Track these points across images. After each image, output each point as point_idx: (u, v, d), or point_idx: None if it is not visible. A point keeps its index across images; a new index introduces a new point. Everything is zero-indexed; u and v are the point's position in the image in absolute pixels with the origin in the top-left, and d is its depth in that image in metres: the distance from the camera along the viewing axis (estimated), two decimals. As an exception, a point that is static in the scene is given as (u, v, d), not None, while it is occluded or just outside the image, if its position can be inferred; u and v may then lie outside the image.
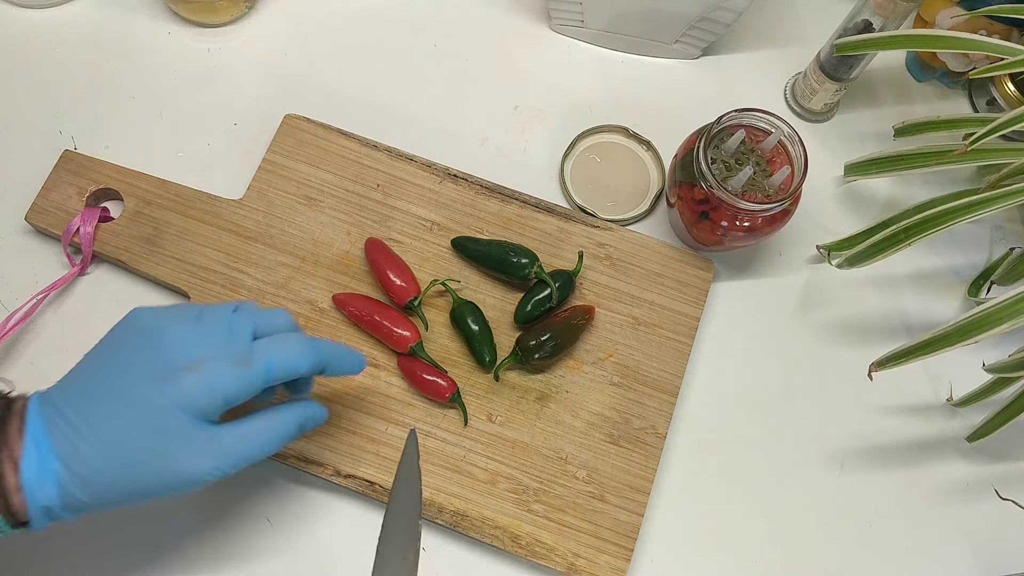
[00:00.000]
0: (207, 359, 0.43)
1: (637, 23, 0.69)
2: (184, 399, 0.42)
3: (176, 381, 0.42)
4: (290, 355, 0.45)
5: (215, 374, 0.42)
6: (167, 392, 0.42)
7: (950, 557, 0.61)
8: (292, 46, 0.70)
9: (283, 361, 0.45)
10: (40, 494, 0.41)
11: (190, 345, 0.43)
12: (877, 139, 0.71)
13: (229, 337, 0.44)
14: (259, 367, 0.43)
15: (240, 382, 0.43)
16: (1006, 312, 0.50)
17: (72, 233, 0.59)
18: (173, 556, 0.56)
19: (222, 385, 0.43)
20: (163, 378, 0.42)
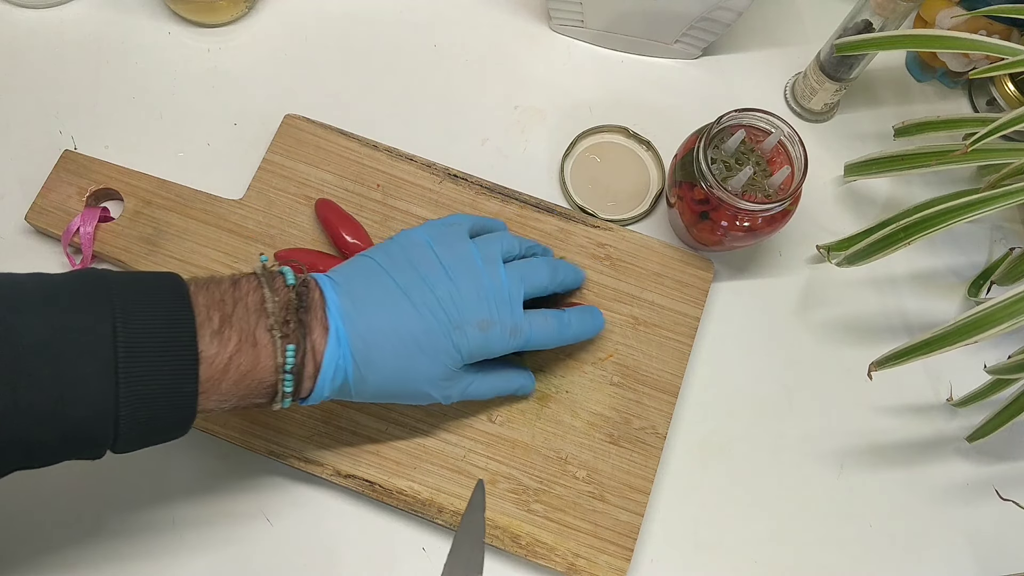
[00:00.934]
0: (493, 322, 0.50)
1: (637, 23, 0.69)
2: (466, 349, 0.49)
3: (467, 333, 0.49)
4: (546, 332, 0.53)
5: (496, 338, 0.50)
6: (455, 339, 0.49)
7: (950, 557, 0.61)
8: (292, 46, 0.70)
9: (539, 337, 0.52)
10: (329, 387, 0.46)
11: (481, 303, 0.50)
12: (877, 139, 0.71)
13: (509, 305, 0.51)
14: (523, 339, 0.51)
15: (507, 348, 0.51)
16: (1006, 312, 0.50)
17: (72, 233, 0.59)
18: (173, 556, 0.56)
19: (495, 348, 0.50)
20: (456, 328, 0.49)
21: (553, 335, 0.53)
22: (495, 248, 0.52)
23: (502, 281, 0.51)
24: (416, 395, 0.50)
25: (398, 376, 0.48)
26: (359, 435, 0.57)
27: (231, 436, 0.56)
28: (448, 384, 0.51)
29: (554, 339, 0.53)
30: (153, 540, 0.56)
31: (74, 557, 0.55)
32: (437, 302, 0.48)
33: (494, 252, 0.52)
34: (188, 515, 0.57)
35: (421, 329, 0.48)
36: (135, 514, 0.56)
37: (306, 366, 0.45)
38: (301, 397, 0.46)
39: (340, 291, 0.47)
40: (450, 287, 0.49)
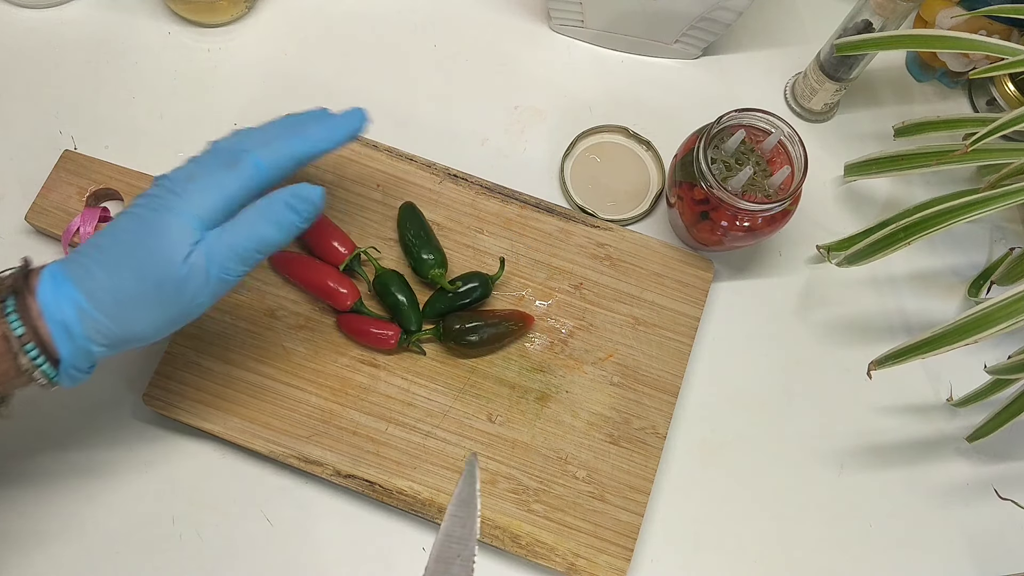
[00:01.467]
0: (198, 171, 0.46)
1: (637, 23, 0.69)
2: (181, 203, 0.44)
3: (175, 191, 0.45)
4: (276, 144, 0.47)
5: (207, 178, 0.45)
6: (167, 201, 0.44)
7: (950, 557, 0.61)
8: (292, 46, 0.70)
9: (271, 152, 0.47)
10: (58, 311, 0.43)
11: (184, 169, 0.46)
12: (877, 139, 0.71)
13: (215, 154, 0.47)
14: (247, 162, 0.46)
15: (231, 179, 0.45)
16: (1006, 312, 0.50)
17: (72, 233, 0.59)
18: (173, 556, 0.56)
19: (214, 185, 0.45)
20: (164, 193, 0.45)
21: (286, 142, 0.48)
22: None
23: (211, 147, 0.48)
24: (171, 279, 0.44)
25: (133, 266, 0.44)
26: (359, 435, 0.57)
27: (231, 436, 0.56)
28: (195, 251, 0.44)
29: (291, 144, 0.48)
30: (153, 540, 0.56)
31: (74, 557, 0.55)
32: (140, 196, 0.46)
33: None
34: (188, 515, 0.57)
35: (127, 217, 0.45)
36: (135, 514, 0.56)
37: (30, 307, 0.43)
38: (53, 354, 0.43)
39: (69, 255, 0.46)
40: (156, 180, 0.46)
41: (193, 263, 0.44)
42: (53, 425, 0.58)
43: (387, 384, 0.59)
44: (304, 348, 0.59)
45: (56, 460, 0.57)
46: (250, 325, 0.59)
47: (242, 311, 0.59)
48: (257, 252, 0.46)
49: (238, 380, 0.58)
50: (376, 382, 0.59)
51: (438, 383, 0.59)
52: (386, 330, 0.58)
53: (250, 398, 0.57)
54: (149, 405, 0.57)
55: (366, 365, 0.59)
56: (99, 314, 0.43)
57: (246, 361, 0.58)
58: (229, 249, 0.45)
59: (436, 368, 0.59)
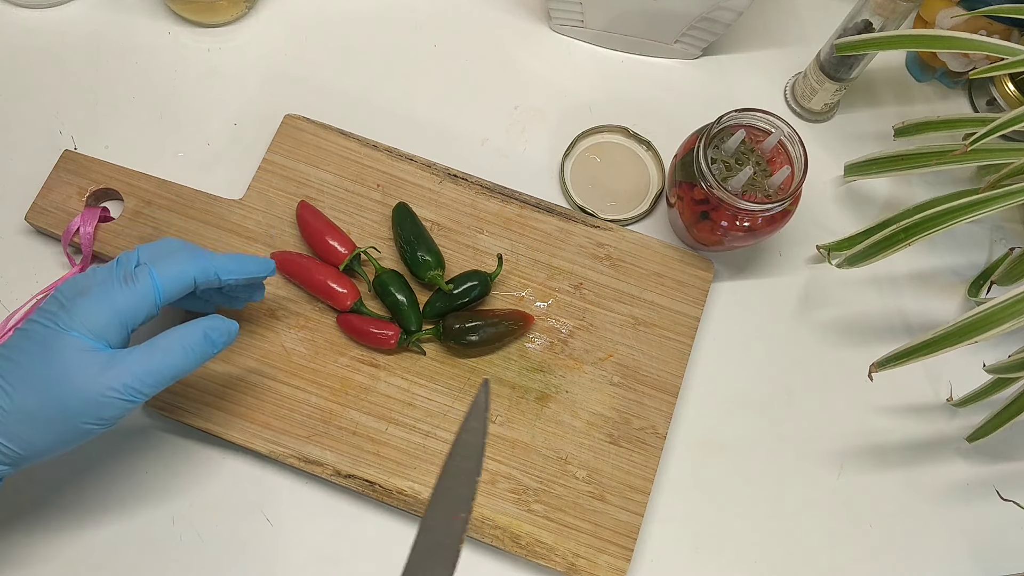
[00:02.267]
0: (94, 285, 0.45)
1: (637, 23, 0.69)
2: (79, 322, 0.44)
3: (68, 309, 0.44)
4: (175, 266, 0.47)
5: (102, 293, 0.45)
6: (63, 322, 0.44)
7: (950, 557, 0.61)
8: (292, 46, 0.70)
9: (168, 271, 0.46)
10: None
11: (79, 281, 0.46)
12: (877, 139, 0.71)
13: (114, 267, 0.46)
14: (144, 280, 0.45)
15: (128, 297, 0.45)
16: (1006, 312, 0.50)
17: (72, 233, 0.59)
18: (173, 556, 0.56)
19: (111, 302, 0.45)
20: (58, 311, 0.44)
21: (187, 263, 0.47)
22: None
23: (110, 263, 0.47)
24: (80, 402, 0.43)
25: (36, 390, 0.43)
26: (359, 435, 0.57)
27: (231, 436, 0.56)
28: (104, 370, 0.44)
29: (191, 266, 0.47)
30: (153, 540, 0.56)
31: (74, 558, 0.55)
32: (35, 313, 0.45)
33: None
34: (187, 515, 0.57)
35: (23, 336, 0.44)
36: (135, 514, 0.56)
37: None
38: None
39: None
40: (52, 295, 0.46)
41: (102, 384, 0.43)
42: (53, 425, 0.58)
43: (387, 384, 0.59)
44: (304, 348, 0.59)
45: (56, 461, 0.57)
46: (250, 325, 0.59)
47: (242, 311, 0.59)
48: (171, 378, 0.46)
49: (238, 380, 0.58)
50: (376, 382, 0.59)
51: (438, 383, 0.59)
52: (386, 330, 0.58)
53: (250, 398, 0.57)
54: (149, 405, 0.57)
55: (366, 365, 0.59)
56: (5, 441, 0.43)
57: (246, 361, 0.58)
58: (146, 374, 0.44)
59: (436, 368, 0.59)
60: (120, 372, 0.44)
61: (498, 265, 0.60)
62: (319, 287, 0.59)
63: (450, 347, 0.59)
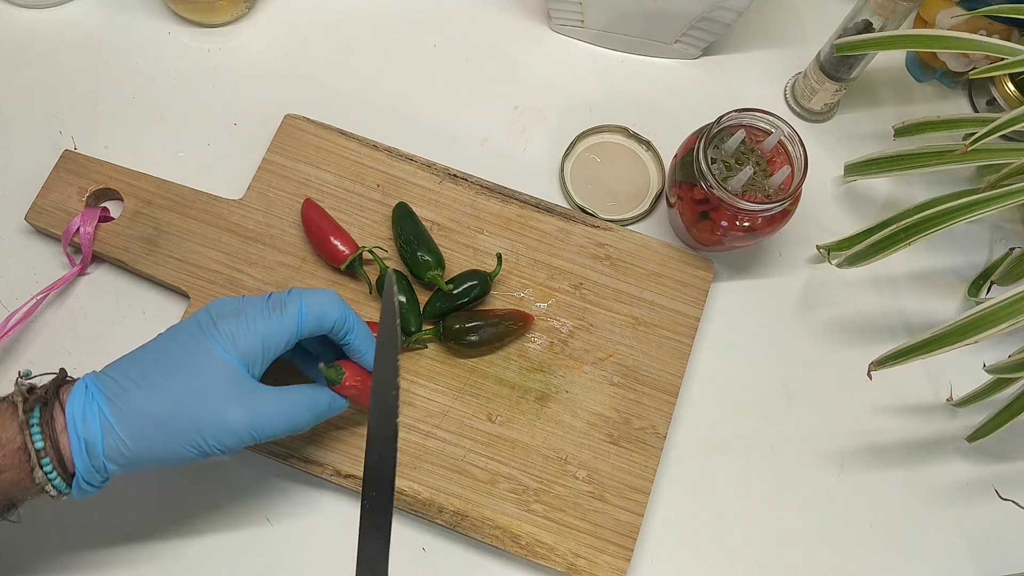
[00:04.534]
0: (247, 308, 0.47)
1: (637, 23, 0.69)
2: (225, 338, 0.45)
3: (217, 324, 0.46)
4: (321, 302, 0.48)
5: (252, 316, 0.46)
6: (210, 334, 0.45)
7: (950, 557, 0.61)
8: (292, 46, 0.70)
9: (314, 306, 0.48)
10: (83, 429, 0.43)
11: (232, 302, 0.47)
12: (877, 139, 0.71)
13: (267, 297, 0.48)
14: (292, 310, 0.47)
15: (275, 324, 0.47)
16: (1006, 312, 0.50)
17: (72, 233, 0.59)
18: (173, 556, 0.56)
19: (258, 326, 0.46)
20: (207, 324, 0.46)
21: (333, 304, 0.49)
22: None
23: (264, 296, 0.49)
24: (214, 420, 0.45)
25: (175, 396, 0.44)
26: (359, 435, 0.57)
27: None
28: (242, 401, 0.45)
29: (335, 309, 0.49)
30: (153, 540, 0.56)
31: (75, 558, 0.55)
32: (183, 321, 0.47)
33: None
34: (187, 515, 0.57)
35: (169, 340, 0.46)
36: (135, 514, 0.56)
37: (56, 419, 0.43)
38: (69, 468, 0.44)
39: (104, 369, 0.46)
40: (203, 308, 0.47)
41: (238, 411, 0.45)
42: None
43: (387, 384, 0.59)
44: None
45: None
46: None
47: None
48: (286, 432, 0.47)
49: (238, 380, 0.58)
50: (376, 382, 0.59)
51: (438, 383, 0.59)
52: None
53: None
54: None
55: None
56: (124, 435, 0.44)
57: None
58: (274, 418, 0.46)
59: (436, 368, 0.59)
60: (253, 407, 0.45)
61: (497, 265, 0.60)
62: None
63: (450, 347, 0.59)
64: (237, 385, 0.45)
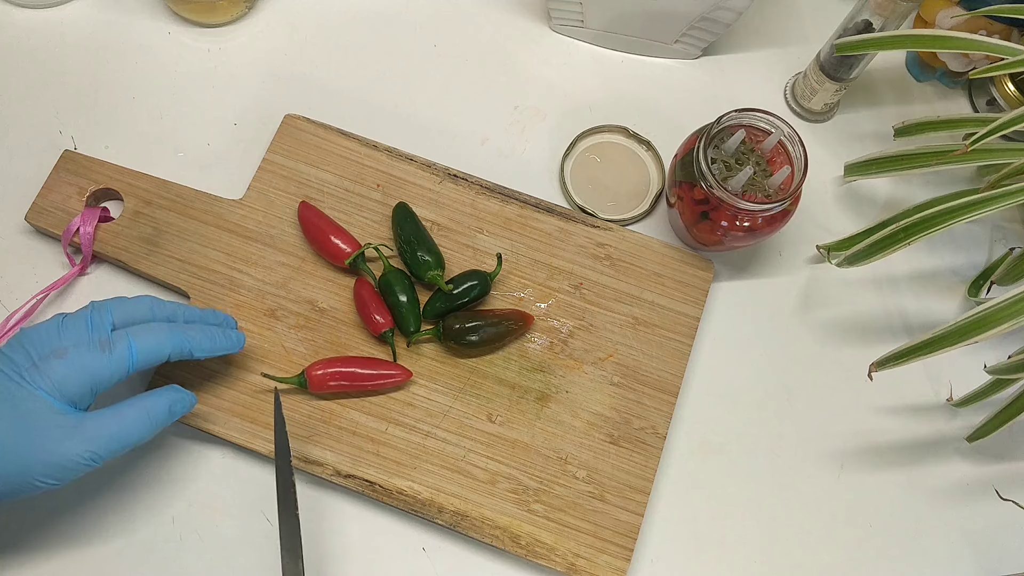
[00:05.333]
0: (70, 347, 0.45)
1: (637, 23, 0.69)
2: (50, 384, 0.44)
3: (40, 368, 0.44)
4: (152, 339, 0.48)
5: (78, 358, 0.45)
6: (32, 379, 0.44)
7: (950, 557, 0.61)
8: (292, 46, 0.70)
9: (145, 344, 0.47)
10: None
11: (52, 338, 0.46)
12: (877, 139, 0.71)
13: (89, 328, 0.46)
14: (121, 350, 0.46)
15: (104, 365, 0.45)
16: (1006, 312, 0.50)
17: (72, 233, 0.59)
18: (173, 556, 0.56)
19: (86, 368, 0.45)
20: (28, 368, 0.44)
21: (164, 337, 0.48)
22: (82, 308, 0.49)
23: (83, 313, 0.47)
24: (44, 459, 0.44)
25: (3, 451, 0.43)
26: (359, 435, 0.57)
27: (231, 436, 0.56)
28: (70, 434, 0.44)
29: (168, 342, 0.48)
30: (153, 540, 0.56)
31: (74, 558, 0.55)
32: (2, 357, 0.45)
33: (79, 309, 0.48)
34: (187, 515, 0.57)
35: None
36: (135, 514, 0.56)
37: None
38: None
39: None
40: (21, 339, 0.46)
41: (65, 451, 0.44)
42: (53, 425, 0.58)
43: (387, 384, 0.59)
44: (304, 348, 0.59)
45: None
46: (250, 325, 0.59)
47: (242, 311, 0.59)
48: (133, 445, 0.47)
49: (238, 380, 0.58)
50: (376, 382, 0.59)
51: (438, 383, 0.59)
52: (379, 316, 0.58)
53: (250, 398, 0.57)
54: (149, 405, 0.57)
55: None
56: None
57: (246, 361, 0.58)
58: (110, 440, 0.46)
59: (436, 368, 0.59)
60: (85, 439, 0.45)
61: (497, 264, 0.60)
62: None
63: (450, 347, 0.59)
64: (62, 425, 0.44)
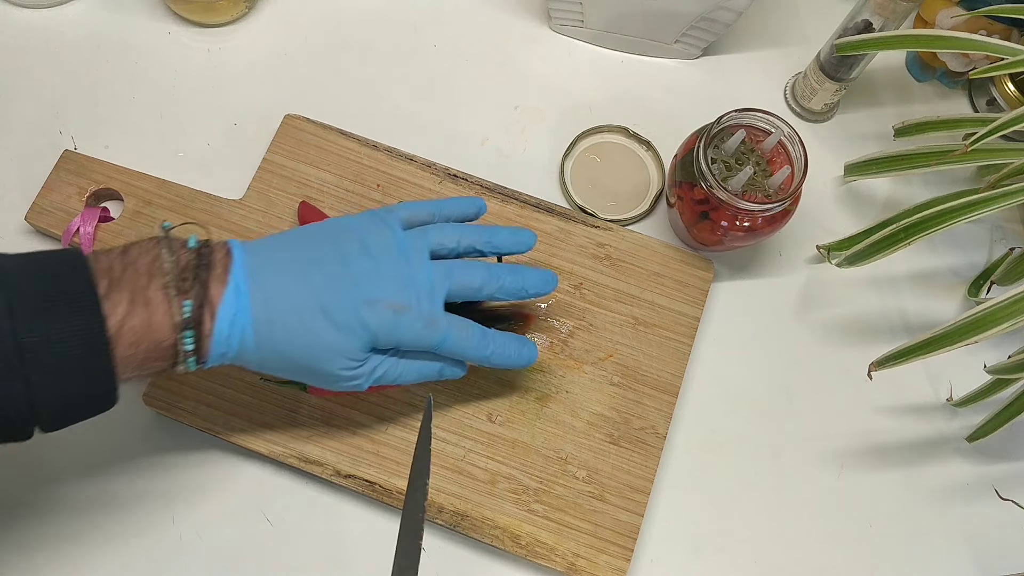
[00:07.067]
0: (408, 307, 0.47)
1: (637, 23, 0.69)
2: (372, 329, 0.46)
3: (376, 311, 0.46)
4: (464, 340, 0.50)
5: (408, 325, 0.47)
6: (363, 315, 0.46)
7: (950, 557, 0.61)
8: (292, 46, 0.70)
9: (456, 340, 0.49)
10: (226, 345, 0.45)
11: (398, 284, 0.48)
12: (877, 139, 0.71)
13: (429, 296, 0.48)
14: (438, 335, 0.48)
15: (419, 338, 0.48)
16: (1006, 312, 0.50)
17: (72, 233, 0.59)
18: (173, 556, 0.56)
19: (406, 335, 0.48)
20: (367, 303, 0.46)
21: (472, 344, 0.50)
22: (424, 240, 0.50)
23: (426, 271, 0.49)
24: (320, 371, 0.47)
25: (301, 344, 0.46)
26: (359, 435, 0.57)
27: (231, 436, 0.56)
28: (355, 364, 0.47)
29: (472, 349, 0.50)
30: (152, 540, 0.56)
31: (74, 557, 0.55)
32: (350, 277, 0.47)
33: (421, 243, 0.50)
34: (187, 515, 0.57)
35: (330, 299, 0.46)
36: (135, 514, 0.56)
37: (203, 323, 0.44)
38: (202, 359, 0.45)
39: (250, 253, 0.46)
40: (367, 265, 0.47)
41: (350, 372, 0.47)
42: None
43: (387, 384, 0.59)
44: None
45: (56, 460, 0.57)
46: (250, 325, 0.59)
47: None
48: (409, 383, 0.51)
49: (238, 380, 0.58)
50: (376, 382, 0.59)
51: (438, 383, 0.59)
52: None
53: (250, 398, 0.57)
54: (149, 405, 0.57)
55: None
56: (254, 354, 0.46)
57: (246, 361, 0.58)
58: (383, 378, 0.49)
59: (436, 368, 0.59)
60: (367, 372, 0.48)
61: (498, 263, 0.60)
62: None
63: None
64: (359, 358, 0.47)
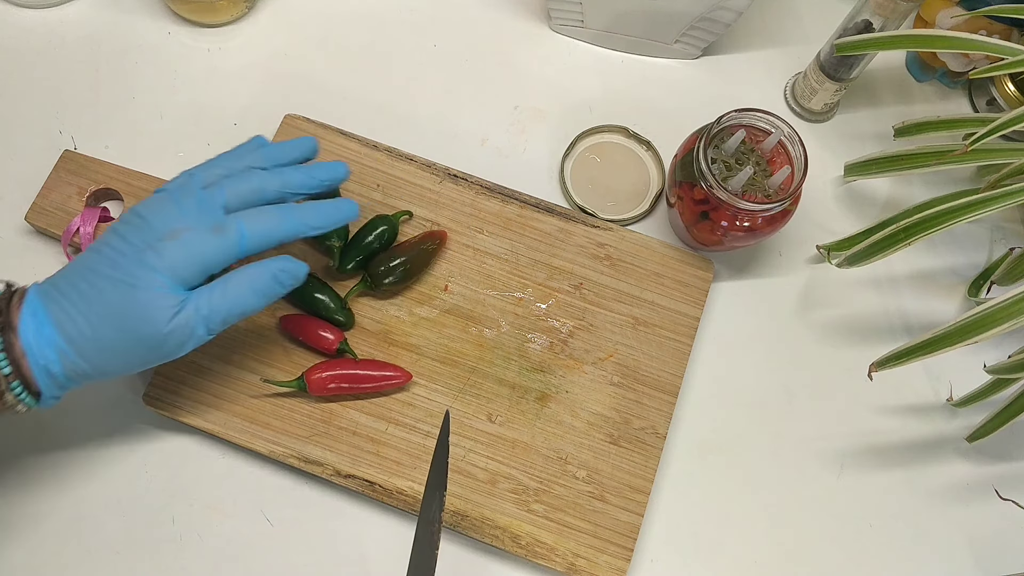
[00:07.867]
0: (185, 228, 0.47)
1: (637, 23, 0.69)
2: (164, 264, 0.46)
3: (157, 249, 0.46)
4: (265, 221, 0.48)
5: (192, 240, 0.46)
6: (149, 259, 0.46)
7: (950, 557, 0.61)
8: (292, 46, 0.70)
9: (257, 227, 0.48)
10: (40, 356, 0.45)
11: (169, 219, 0.47)
12: (877, 139, 0.71)
13: (207, 208, 0.48)
14: (233, 234, 0.47)
15: (216, 247, 0.47)
16: (1006, 312, 0.50)
17: (72, 233, 0.59)
18: (173, 556, 0.56)
19: (199, 250, 0.46)
20: (145, 248, 0.46)
21: (276, 224, 0.49)
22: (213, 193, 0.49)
23: (195, 191, 0.48)
24: (150, 338, 0.46)
25: (112, 319, 0.45)
26: (359, 435, 0.57)
27: (231, 436, 0.56)
28: (174, 309, 0.46)
29: (280, 230, 0.49)
30: (153, 540, 0.56)
31: (74, 557, 0.55)
32: (125, 240, 0.46)
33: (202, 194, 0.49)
34: (188, 515, 0.57)
35: (112, 265, 0.46)
36: (135, 514, 0.56)
37: (13, 346, 0.45)
38: (28, 381, 0.45)
39: (44, 282, 0.47)
40: (138, 224, 0.47)
41: (177, 323, 0.46)
42: (53, 425, 0.58)
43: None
44: (304, 348, 0.59)
45: (56, 460, 0.57)
46: (250, 325, 0.59)
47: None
48: (240, 317, 0.48)
49: (238, 380, 0.58)
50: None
51: (438, 383, 0.59)
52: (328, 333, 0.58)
53: (250, 398, 0.57)
54: (149, 405, 0.57)
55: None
56: (79, 360, 0.46)
57: (246, 361, 0.58)
58: (214, 313, 0.47)
59: (436, 368, 0.59)
60: (193, 314, 0.46)
61: (403, 212, 0.62)
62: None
63: (386, 290, 0.60)
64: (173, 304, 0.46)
